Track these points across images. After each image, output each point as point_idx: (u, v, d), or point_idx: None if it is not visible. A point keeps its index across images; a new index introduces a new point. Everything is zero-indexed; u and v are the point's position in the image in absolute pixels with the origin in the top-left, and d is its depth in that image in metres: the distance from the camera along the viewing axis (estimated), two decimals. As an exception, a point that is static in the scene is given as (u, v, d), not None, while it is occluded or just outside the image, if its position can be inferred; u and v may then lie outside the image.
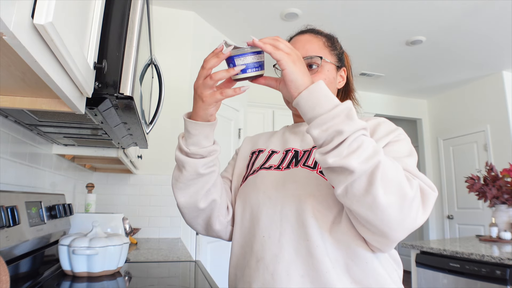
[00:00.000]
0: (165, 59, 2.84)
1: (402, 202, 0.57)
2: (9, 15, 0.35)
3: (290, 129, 0.92)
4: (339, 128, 0.57)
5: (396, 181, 0.57)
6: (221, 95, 0.67)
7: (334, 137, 0.57)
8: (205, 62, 0.65)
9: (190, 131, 0.73)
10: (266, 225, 0.74)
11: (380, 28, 3.27)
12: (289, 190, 0.74)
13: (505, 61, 3.99)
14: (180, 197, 0.78)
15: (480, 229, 4.35)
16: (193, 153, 0.74)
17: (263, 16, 3.10)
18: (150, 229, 2.71)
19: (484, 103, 4.47)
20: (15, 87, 0.68)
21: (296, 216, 0.71)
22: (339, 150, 0.57)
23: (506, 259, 1.80)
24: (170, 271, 1.44)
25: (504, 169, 2.73)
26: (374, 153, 0.57)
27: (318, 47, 0.84)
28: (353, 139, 0.57)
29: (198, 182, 0.76)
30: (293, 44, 0.87)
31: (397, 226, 0.59)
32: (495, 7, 2.91)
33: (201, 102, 0.68)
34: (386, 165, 0.57)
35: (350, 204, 0.60)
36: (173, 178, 0.80)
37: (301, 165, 0.77)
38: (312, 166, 0.75)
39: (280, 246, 0.70)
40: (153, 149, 2.72)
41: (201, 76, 0.66)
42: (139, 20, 0.83)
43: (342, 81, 0.89)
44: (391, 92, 5.17)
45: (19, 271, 1.04)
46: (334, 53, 0.87)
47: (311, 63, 0.82)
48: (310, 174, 0.74)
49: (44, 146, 1.49)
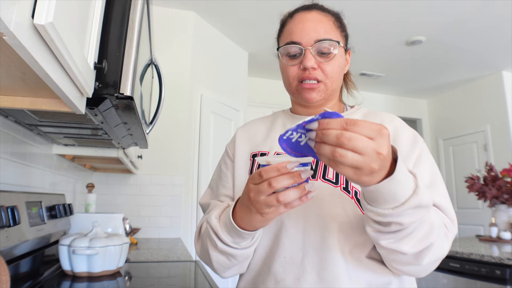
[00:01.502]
0: (165, 59, 2.84)
1: (440, 259, 0.61)
2: (9, 15, 0.35)
3: (291, 120, 0.83)
4: (399, 221, 0.52)
5: (439, 249, 0.59)
6: (286, 208, 0.55)
7: (391, 224, 0.53)
8: (274, 181, 0.52)
9: (243, 236, 0.63)
10: (287, 246, 0.68)
11: (380, 28, 3.27)
12: (312, 209, 0.68)
13: (505, 61, 3.99)
14: (229, 274, 0.72)
15: (480, 229, 4.35)
16: (245, 247, 0.66)
17: (263, 16, 3.10)
18: (150, 229, 2.71)
19: (484, 103, 4.47)
20: (15, 87, 0.68)
21: (321, 238, 0.67)
22: (394, 235, 0.55)
23: (506, 259, 1.80)
24: (170, 271, 1.44)
25: (504, 169, 2.73)
26: (429, 233, 0.56)
27: (330, 29, 0.74)
28: (412, 227, 0.53)
29: (247, 260, 0.72)
30: (298, 22, 0.74)
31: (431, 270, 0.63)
32: (495, 7, 2.91)
33: (259, 216, 0.57)
34: (438, 239, 0.58)
35: (391, 262, 0.62)
36: (215, 264, 0.69)
37: (321, 177, 0.69)
38: (334, 181, 0.68)
39: (303, 269, 0.66)
40: (153, 149, 2.72)
41: (263, 193, 0.53)
42: (139, 20, 0.83)
43: (347, 65, 0.81)
44: (391, 92, 5.17)
45: (19, 271, 1.04)
46: (343, 34, 0.78)
47: (326, 48, 0.72)
48: (333, 191, 0.67)
49: (44, 146, 1.49)
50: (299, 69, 0.73)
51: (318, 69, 0.72)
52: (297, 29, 0.73)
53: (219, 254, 0.68)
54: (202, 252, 0.73)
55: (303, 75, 0.72)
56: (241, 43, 3.65)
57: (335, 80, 0.74)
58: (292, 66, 0.74)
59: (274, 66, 4.20)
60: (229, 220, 0.62)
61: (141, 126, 1.12)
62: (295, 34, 0.73)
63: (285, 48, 0.74)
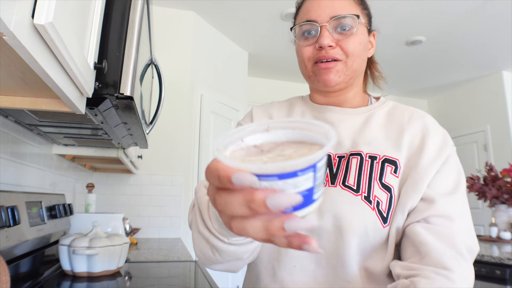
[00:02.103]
0: (165, 59, 2.84)
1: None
2: (9, 15, 0.35)
3: (311, 110, 0.74)
4: None
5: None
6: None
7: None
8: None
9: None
10: (298, 254, 0.62)
11: (380, 28, 3.26)
12: (329, 219, 0.61)
13: (505, 61, 3.99)
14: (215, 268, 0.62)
15: (480, 229, 4.35)
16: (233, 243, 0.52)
17: (263, 16, 3.10)
18: (150, 229, 2.71)
19: (484, 103, 4.47)
20: (15, 87, 0.68)
21: (336, 250, 0.61)
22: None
23: (506, 259, 1.80)
24: (170, 271, 1.44)
25: (504, 169, 2.73)
26: None
27: (349, 5, 0.67)
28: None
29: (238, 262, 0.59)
30: (312, 2, 0.68)
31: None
32: (495, 7, 2.91)
33: None
34: None
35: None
36: (198, 251, 0.58)
37: (340, 184, 0.62)
38: (355, 189, 0.61)
39: (315, 279, 0.61)
40: (153, 149, 2.72)
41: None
42: (139, 20, 0.83)
43: (372, 49, 0.75)
44: (391, 92, 5.17)
45: (19, 271, 1.04)
46: (365, 12, 0.71)
47: (344, 24, 0.65)
48: (354, 200, 0.60)
49: (44, 146, 1.49)
50: (314, 49, 0.66)
51: (336, 47, 0.65)
52: (312, 7, 0.67)
53: (202, 241, 0.54)
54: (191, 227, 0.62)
55: (319, 55, 0.65)
56: (241, 43, 3.65)
57: (356, 59, 0.66)
58: (307, 46, 0.67)
59: (274, 66, 4.22)
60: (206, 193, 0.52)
61: (141, 126, 1.12)
62: (310, 12, 0.67)
63: (300, 27, 0.68)
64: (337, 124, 0.69)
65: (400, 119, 0.68)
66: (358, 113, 0.70)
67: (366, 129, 0.67)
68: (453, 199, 0.60)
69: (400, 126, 0.66)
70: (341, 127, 0.69)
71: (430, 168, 0.61)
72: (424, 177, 0.60)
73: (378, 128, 0.68)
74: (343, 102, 0.72)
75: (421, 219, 0.58)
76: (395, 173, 0.62)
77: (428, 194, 0.59)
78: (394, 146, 0.64)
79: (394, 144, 0.64)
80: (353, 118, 0.70)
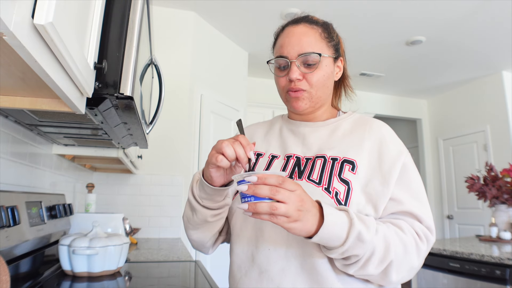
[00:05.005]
0: (165, 59, 2.84)
1: (412, 273, 0.70)
2: (9, 15, 0.35)
3: (287, 125, 0.89)
4: (354, 253, 0.63)
5: (406, 263, 0.68)
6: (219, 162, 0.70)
7: (351, 257, 0.65)
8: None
9: (207, 191, 0.74)
10: (272, 238, 0.73)
11: (380, 28, 3.27)
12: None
13: (505, 61, 3.99)
14: (191, 234, 0.83)
15: (480, 229, 4.35)
16: (206, 206, 0.76)
17: (263, 16, 3.10)
18: (150, 229, 2.71)
19: (484, 103, 4.47)
20: (15, 87, 0.68)
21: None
22: (357, 264, 0.65)
23: (506, 259, 1.80)
24: (170, 271, 1.44)
25: (504, 169, 2.73)
26: (385, 253, 0.65)
27: (315, 40, 0.79)
28: (368, 253, 0.64)
29: (205, 227, 0.80)
30: (286, 36, 0.81)
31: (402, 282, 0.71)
32: (495, 7, 2.91)
33: (207, 166, 0.72)
34: (398, 256, 0.66)
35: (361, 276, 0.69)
36: (184, 216, 0.83)
37: (306, 178, 0.75)
38: (317, 182, 0.74)
39: (287, 260, 0.71)
40: (153, 149, 2.72)
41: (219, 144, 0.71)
42: (139, 20, 0.83)
43: (339, 72, 0.86)
44: (391, 92, 5.17)
45: (19, 271, 1.04)
46: (331, 44, 0.82)
47: (309, 61, 0.78)
48: (315, 190, 0.73)
49: (44, 146, 1.49)
50: (287, 80, 0.79)
51: (303, 80, 0.78)
52: (284, 43, 0.80)
53: (188, 205, 0.80)
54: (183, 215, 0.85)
55: (290, 86, 0.79)
56: (241, 43, 3.65)
57: (319, 88, 0.80)
58: (281, 77, 0.81)
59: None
60: (200, 172, 0.76)
61: (141, 126, 1.12)
62: (282, 48, 0.80)
63: (275, 61, 0.82)
64: (308, 135, 0.84)
65: (362, 128, 0.81)
66: (326, 125, 0.84)
67: (332, 137, 0.81)
68: (414, 200, 0.73)
69: (361, 134, 0.79)
70: (312, 137, 0.83)
71: (390, 173, 0.73)
72: (388, 177, 0.74)
73: (343, 135, 0.81)
74: (313, 118, 0.86)
75: (391, 214, 0.73)
76: (352, 171, 0.74)
77: (396, 195, 0.73)
78: (355, 150, 0.77)
79: (355, 148, 0.77)
80: (321, 129, 0.84)
